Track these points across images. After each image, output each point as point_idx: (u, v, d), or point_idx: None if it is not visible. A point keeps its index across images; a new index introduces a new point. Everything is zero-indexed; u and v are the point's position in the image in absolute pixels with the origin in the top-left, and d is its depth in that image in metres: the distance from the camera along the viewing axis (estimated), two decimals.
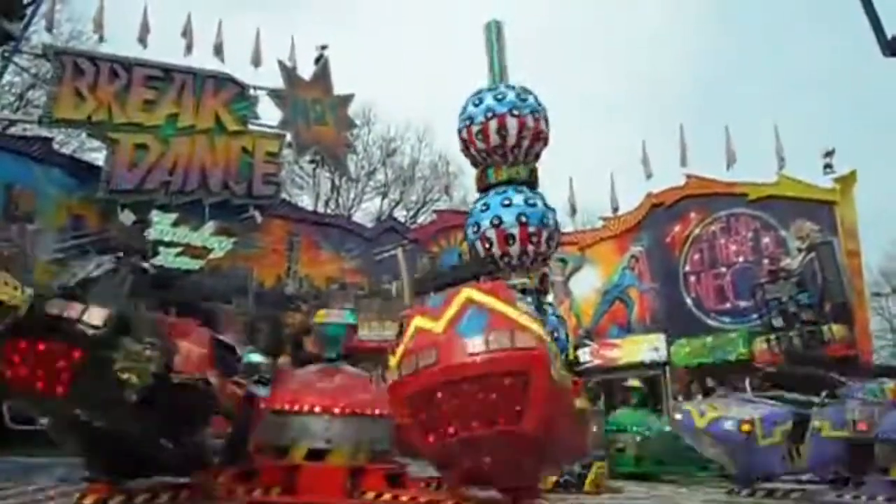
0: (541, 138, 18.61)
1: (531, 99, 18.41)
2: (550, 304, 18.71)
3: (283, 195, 28.44)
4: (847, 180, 22.96)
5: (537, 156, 19.02)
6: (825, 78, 61.39)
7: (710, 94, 61.59)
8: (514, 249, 17.44)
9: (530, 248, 17.48)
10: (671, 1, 65.61)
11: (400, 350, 7.01)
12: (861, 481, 11.84)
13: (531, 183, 18.67)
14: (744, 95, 58.53)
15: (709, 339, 24.18)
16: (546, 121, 18.71)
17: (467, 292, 7.07)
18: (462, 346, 6.58)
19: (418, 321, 7.09)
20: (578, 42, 68.06)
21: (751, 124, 49.18)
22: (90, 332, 6.51)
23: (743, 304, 23.82)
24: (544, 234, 17.67)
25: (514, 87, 18.62)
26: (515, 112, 17.93)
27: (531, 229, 17.41)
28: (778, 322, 21.10)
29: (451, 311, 6.89)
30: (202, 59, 25.00)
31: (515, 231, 17.35)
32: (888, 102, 49.75)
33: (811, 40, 63.41)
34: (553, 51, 54.93)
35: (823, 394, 12.84)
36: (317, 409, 9.05)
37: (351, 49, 58.24)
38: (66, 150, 25.55)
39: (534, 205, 17.76)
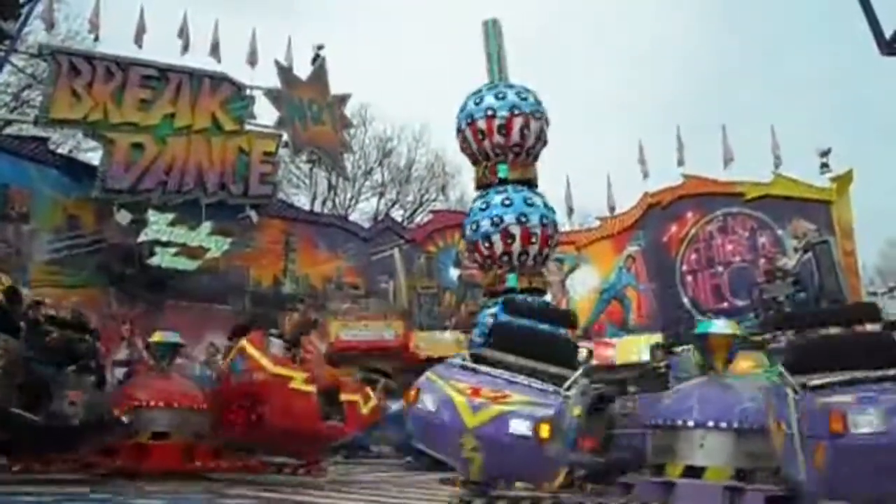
0: (543, 139, 18.83)
1: (532, 98, 18.61)
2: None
3: (280, 195, 28.41)
4: (843, 179, 23.00)
5: (537, 156, 19.19)
6: (821, 78, 61.41)
7: (707, 94, 61.52)
8: (516, 247, 17.53)
9: (531, 248, 17.58)
10: (669, 1, 65.57)
11: None
12: None
13: (533, 183, 18.85)
14: (740, 95, 58.51)
15: None
16: (547, 121, 18.89)
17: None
18: None
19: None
20: (575, 42, 68.11)
21: (747, 124, 49.19)
22: None
23: (740, 303, 23.86)
24: (547, 233, 17.80)
25: (514, 87, 18.75)
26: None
27: (532, 229, 17.49)
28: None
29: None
30: (198, 59, 24.88)
31: (517, 231, 17.43)
32: (884, 102, 49.87)
33: (808, 41, 63.43)
34: (550, 50, 54.94)
35: None
36: None
37: (347, 49, 58.11)
38: (62, 150, 25.44)
39: (532, 204, 17.86)
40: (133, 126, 22.86)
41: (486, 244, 17.70)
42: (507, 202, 17.87)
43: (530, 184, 18.95)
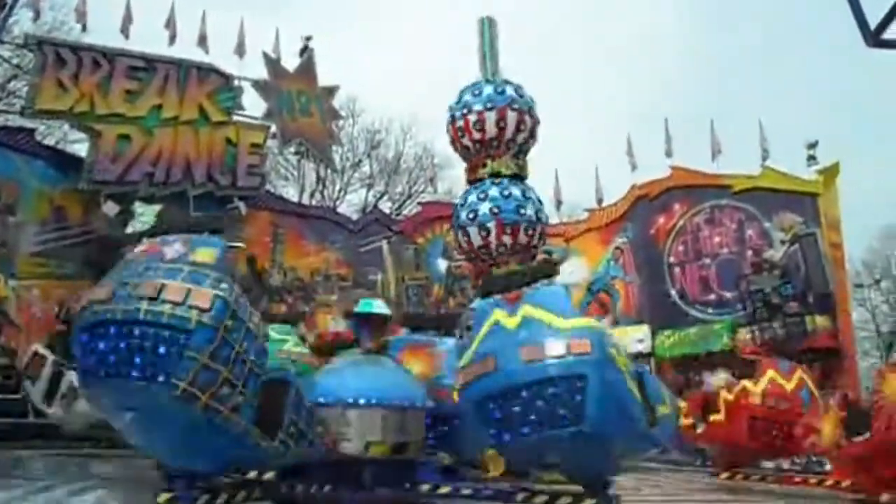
0: (534, 134, 18.83)
1: (526, 95, 18.61)
2: None
3: (268, 187, 28.34)
4: (830, 172, 23.09)
5: (527, 152, 19.21)
6: (809, 71, 61.76)
7: (695, 86, 61.76)
8: (508, 239, 17.58)
9: (524, 239, 17.65)
10: None
11: None
12: None
13: (522, 176, 18.87)
14: (729, 88, 58.81)
15: (693, 330, 24.32)
16: (538, 120, 18.93)
17: None
18: None
19: None
20: (564, 35, 68.09)
21: (735, 117, 49.30)
22: None
23: (727, 295, 23.98)
24: (529, 227, 17.77)
25: (510, 83, 18.76)
26: (515, 106, 18.09)
27: (527, 221, 17.55)
28: (761, 313, 21.27)
29: None
30: (186, 50, 24.78)
31: (511, 222, 17.50)
32: (871, 94, 50.14)
33: (796, 34, 63.72)
34: (539, 43, 54.98)
35: None
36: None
37: (336, 41, 57.97)
38: (48, 142, 25.29)
39: (528, 198, 17.94)
40: (120, 117, 22.75)
41: (483, 233, 17.70)
42: (505, 193, 17.91)
43: (521, 179, 18.98)
